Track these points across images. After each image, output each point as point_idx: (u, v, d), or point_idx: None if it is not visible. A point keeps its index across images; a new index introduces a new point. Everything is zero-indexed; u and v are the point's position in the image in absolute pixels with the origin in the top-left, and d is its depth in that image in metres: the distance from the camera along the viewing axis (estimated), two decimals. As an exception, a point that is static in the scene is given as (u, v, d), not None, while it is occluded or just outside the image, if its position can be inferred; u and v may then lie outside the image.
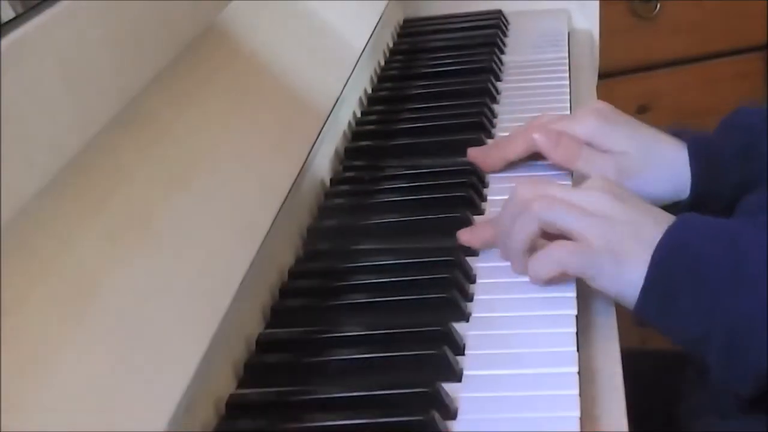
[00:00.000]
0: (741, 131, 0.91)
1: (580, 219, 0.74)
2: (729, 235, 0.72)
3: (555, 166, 0.92)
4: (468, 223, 0.85)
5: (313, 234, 0.87)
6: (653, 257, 0.72)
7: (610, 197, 0.75)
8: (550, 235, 0.75)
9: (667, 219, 0.74)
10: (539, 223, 0.75)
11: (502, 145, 0.95)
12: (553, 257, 0.74)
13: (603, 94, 1.19)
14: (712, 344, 0.71)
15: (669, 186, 0.89)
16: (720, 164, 0.89)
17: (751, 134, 0.90)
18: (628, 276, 0.72)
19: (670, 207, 0.87)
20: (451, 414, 0.64)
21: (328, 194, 0.95)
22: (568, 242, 0.74)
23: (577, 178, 0.91)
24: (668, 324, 0.73)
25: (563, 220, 0.74)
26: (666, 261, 0.71)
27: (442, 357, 0.68)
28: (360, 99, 1.13)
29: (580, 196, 0.75)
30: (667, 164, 0.89)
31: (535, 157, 0.94)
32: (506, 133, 1.01)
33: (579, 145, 0.90)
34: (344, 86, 1.04)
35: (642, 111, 1.78)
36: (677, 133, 0.91)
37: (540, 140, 0.91)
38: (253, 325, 0.74)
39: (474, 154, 0.95)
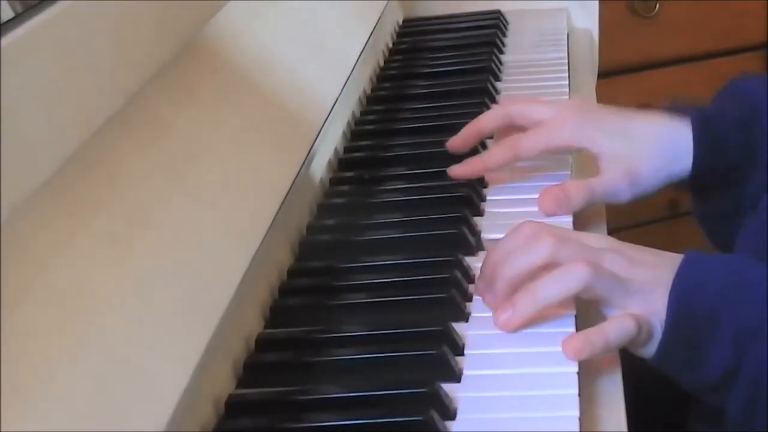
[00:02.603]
0: (740, 100, 0.90)
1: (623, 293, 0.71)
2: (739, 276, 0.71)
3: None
4: (467, 222, 0.85)
5: (312, 233, 0.87)
6: (669, 309, 0.70)
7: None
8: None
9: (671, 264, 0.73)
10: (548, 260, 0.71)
11: (483, 158, 0.93)
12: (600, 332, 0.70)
13: (602, 93, 1.19)
14: (735, 390, 0.70)
15: (670, 166, 0.88)
16: (721, 136, 0.88)
17: (749, 102, 0.90)
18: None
19: (674, 185, 0.89)
20: (450, 414, 0.64)
21: (328, 193, 0.95)
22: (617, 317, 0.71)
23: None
24: (688, 372, 0.71)
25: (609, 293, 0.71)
26: (682, 310, 0.70)
27: (441, 357, 0.68)
28: (359, 98, 1.13)
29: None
30: (662, 146, 0.88)
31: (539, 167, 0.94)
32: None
33: (585, 186, 0.87)
34: (343, 85, 1.04)
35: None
36: (671, 109, 0.90)
37: (548, 204, 0.87)
38: (252, 325, 0.74)
39: (456, 172, 0.93)
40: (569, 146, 0.90)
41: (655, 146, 0.88)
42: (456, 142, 0.95)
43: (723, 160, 0.88)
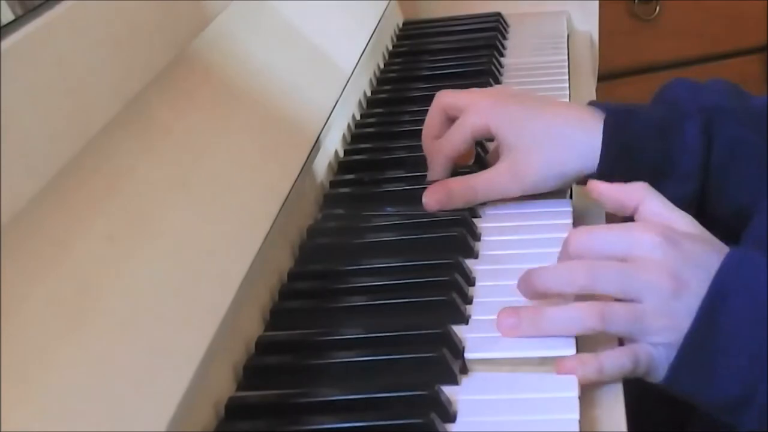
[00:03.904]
0: (668, 106, 0.89)
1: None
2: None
3: None
4: (468, 225, 0.85)
5: (312, 236, 0.87)
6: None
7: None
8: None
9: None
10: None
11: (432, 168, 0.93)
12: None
13: (602, 96, 1.19)
14: (753, 407, 0.67)
15: (567, 166, 0.86)
16: (635, 141, 0.85)
17: (672, 109, 0.88)
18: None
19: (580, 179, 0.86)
20: (450, 416, 0.64)
21: (328, 196, 0.95)
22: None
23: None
24: (703, 388, 0.69)
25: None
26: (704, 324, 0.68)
27: (441, 359, 0.68)
28: (359, 101, 1.13)
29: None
30: (559, 144, 0.86)
31: None
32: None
33: (468, 184, 0.88)
34: (344, 88, 1.04)
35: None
36: (594, 105, 0.89)
37: (430, 204, 0.88)
38: (252, 327, 0.74)
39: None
40: (482, 131, 0.89)
41: (550, 141, 0.86)
42: (434, 179, 0.92)
43: (633, 166, 0.85)
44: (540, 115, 0.88)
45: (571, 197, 0.90)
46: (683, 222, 0.73)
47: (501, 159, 0.89)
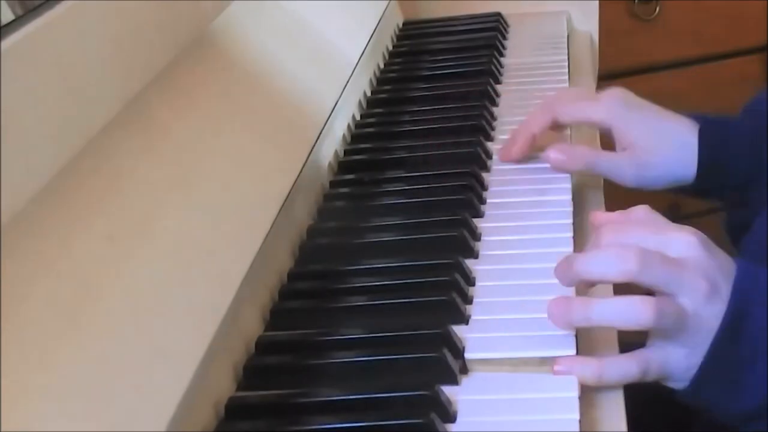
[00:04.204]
0: (755, 115, 0.92)
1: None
2: None
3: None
4: (467, 225, 0.85)
5: (312, 236, 0.87)
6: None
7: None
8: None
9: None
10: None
11: (523, 130, 0.97)
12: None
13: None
14: None
15: (679, 167, 0.92)
16: (728, 147, 0.90)
17: (763, 118, 0.91)
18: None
19: (678, 189, 0.92)
20: (450, 416, 0.64)
21: (328, 196, 0.95)
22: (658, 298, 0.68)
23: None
24: (727, 399, 0.69)
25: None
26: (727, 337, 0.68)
27: (441, 359, 0.68)
28: (359, 101, 1.13)
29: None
30: (677, 146, 0.92)
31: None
32: (505, 136, 1.01)
33: (593, 153, 0.93)
34: (343, 88, 1.04)
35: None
36: (693, 117, 0.94)
37: (555, 160, 0.93)
38: (252, 327, 0.74)
39: (502, 153, 0.97)
40: (601, 124, 0.95)
41: (671, 143, 0.92)
42: (512, 153, 0.97)
43: (726, 176, 0.90)
44: (664, 120, 0.94)
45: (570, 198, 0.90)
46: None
47: (622, 151, 0.93)
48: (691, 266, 0.68)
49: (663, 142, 0.92)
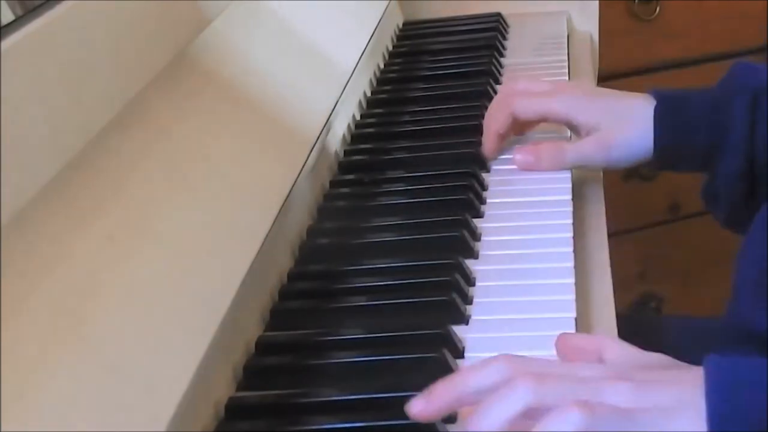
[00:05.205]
0: (721, 85, 0.94)
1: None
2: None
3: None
4: (467, 225, 0.85)
5: (312, 236, 0.87)
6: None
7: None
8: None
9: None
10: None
11: (486, 130, 0.98)
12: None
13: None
14: None
15: (641, 143, 0.93)
16: (685, 121, 0.92)
17: (726, 86, 0.93)
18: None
19: (646, 164, 0.94)
20: (450, 416, 0.64)
21: (328, 196, 0.95)
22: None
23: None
24: None
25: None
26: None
27: (441, 360, 0.68)
28: (359, 101, 1.13)
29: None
30: (636, 123, 0.93)
31: None
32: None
33: (559, 147, 0.95)
34: (344, 88, 1.04)
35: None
36: (652, 93, 0.95)
37: (521, 162, 0.95)
38: (252, 328, 0.74)
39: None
40: (558, 115, 0.96)
41: (631, 120, 0.93)
42: (485, 153, 0.99)
43: (686, 149, 0.91)
44: (620, 101, 0.95)
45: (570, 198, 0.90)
46: (650, 358, 0.64)
47: (586, 137, 0.95)
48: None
49: (622, 121, 0.93)
